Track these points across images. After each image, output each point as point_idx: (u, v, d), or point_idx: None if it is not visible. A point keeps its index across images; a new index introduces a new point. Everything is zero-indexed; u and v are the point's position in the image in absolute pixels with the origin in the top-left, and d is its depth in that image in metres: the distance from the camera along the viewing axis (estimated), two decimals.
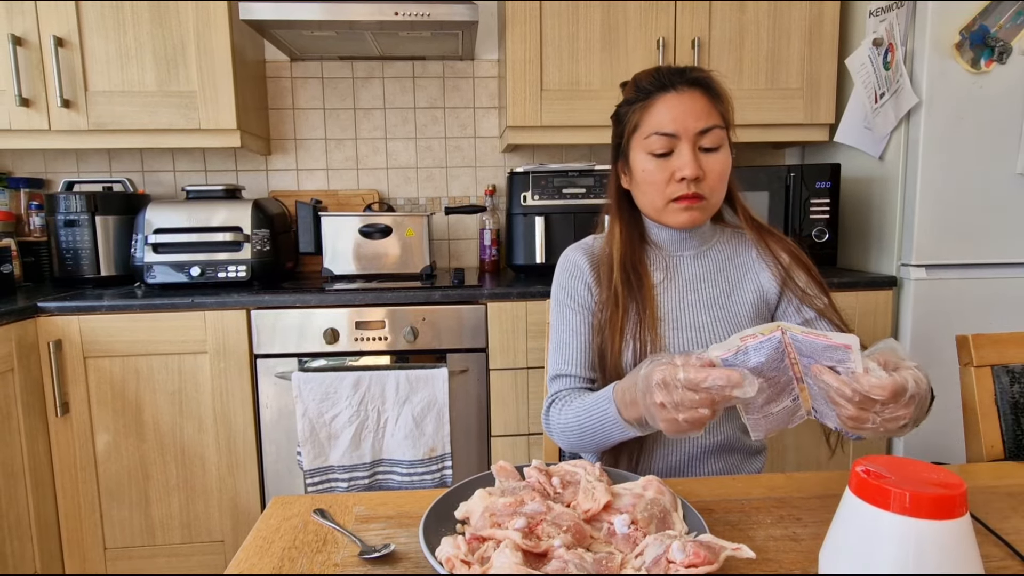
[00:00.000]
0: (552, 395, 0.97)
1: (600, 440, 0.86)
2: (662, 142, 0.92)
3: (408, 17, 1.73)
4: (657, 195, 0.95)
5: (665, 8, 1.89)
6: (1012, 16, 1.63)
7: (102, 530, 1.68)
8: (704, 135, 0.91)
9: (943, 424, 1.66)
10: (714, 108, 0.93)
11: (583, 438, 0.88)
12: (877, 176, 1.86)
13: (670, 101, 0.92)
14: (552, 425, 0.94)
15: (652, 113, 0.93)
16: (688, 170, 0.90)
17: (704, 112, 0.91)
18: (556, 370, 0.98)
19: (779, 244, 1.01)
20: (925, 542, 0.47)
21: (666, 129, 0.91)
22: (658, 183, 0.94)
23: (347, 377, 1.63)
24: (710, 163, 0.92)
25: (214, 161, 2.21)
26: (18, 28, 1.75)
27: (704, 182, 0.93)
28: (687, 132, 0.91)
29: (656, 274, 1.00)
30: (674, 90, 0.92)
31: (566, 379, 0.97)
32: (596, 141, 1.97)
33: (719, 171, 0.93)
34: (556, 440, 0.95)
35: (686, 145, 0.91)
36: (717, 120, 0.92)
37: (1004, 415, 1.00)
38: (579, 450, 0.93)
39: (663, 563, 0.56)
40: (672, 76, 0.93)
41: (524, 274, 1.97)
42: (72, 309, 1.60)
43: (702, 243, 1.02)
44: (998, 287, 1.73)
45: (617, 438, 0.84)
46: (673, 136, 0.91)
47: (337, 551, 0.64)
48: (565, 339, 0.99)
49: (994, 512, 0.72)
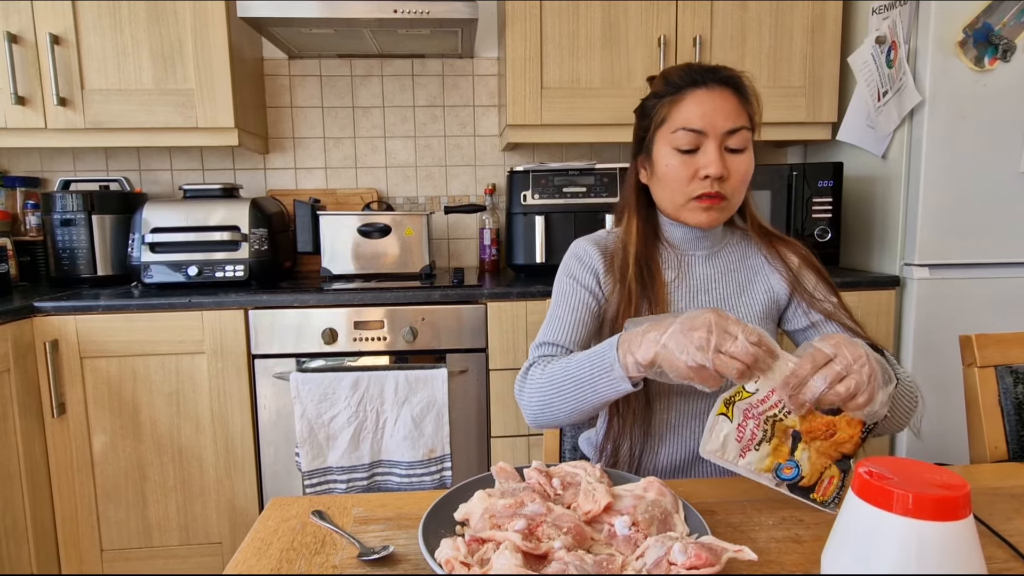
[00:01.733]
0: (533, 359, 0.94)
1: (578, 397, 0.82)
2: (689, 138, 0.91)
3: (407, 15, 1.72)
4: (678, 191, 0.94)
5: (666, 6, 1.88)
6: (1016, 14, 1.62)
7: (99, 532, 1.67)
8: (732, 135, 0.91)
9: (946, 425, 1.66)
10: (743, 109, 0.92)
11: (562, 393, 0.83)
12: (880, 175, 1.85)
13: (700, 97, 0.91)
14: (528, 384, 0.89)
15: (681, 108, 0.92)
16: (713, 168, 0.90)
17: (733, 112, 0.91)
18: (543, 338, 0.96)
19: (788, 248, 1.01)
20: (928, 544, 0.46)
21: (694, 125, 0.91)
22: (681, 179, 0.93)
23: (346, 377, 1.62)
24: (735, 164, 0.92)
25: (212, 160, 2.21)
26: (14, 26, 1.74)
27: (727, 182, 0.92)
28: (715, 130, 0.90)
29: (668, 272, 0.99)
30: (705, 87, 0.91)
31: (551, 347, 0.94)
32: (597, 140, 1.96)
33: (743, 173, 0.93)
34: (525, 404, 0.90)
35: (712, 143, 0.90)
36: (745, 121, 0.92)
37: (1008, 416, 1.00)
38: (547, 416, 0.87)
39: (664, 565, 0.55)
40: (704, 73, 0.92)
41: (524, 274, 1.97)
42: (68, 309, 1.59)
43: (714, 244, 1.02)
44: (1002, 287, 1.73)
45: (598, 397, 0.80)
46: (701, 133, 0.91)
47: (336, 553, 0.64)
48: (559, 313, 0.97)
49: (998, 513, 0.71)
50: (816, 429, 0.70)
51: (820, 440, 0.70)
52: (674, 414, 0.96)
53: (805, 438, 0.70)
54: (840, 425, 0.69)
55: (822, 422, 0.70)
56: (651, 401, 0.94)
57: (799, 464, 0.70)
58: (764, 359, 0.67)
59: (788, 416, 0.70)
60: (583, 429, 1.12)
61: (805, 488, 0.70)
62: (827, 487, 0.69)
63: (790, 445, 0.70)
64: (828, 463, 0.70)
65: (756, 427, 0.71)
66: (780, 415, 0.70)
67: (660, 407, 0.95)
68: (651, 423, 0.95)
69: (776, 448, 0.71)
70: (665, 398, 0.95)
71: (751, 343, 0.67)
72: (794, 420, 0.70)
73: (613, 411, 0.94)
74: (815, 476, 0.70)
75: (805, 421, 0.70)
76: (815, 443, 0.70)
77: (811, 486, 0.70)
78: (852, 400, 0.66)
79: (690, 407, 0.96)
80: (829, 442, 0.70)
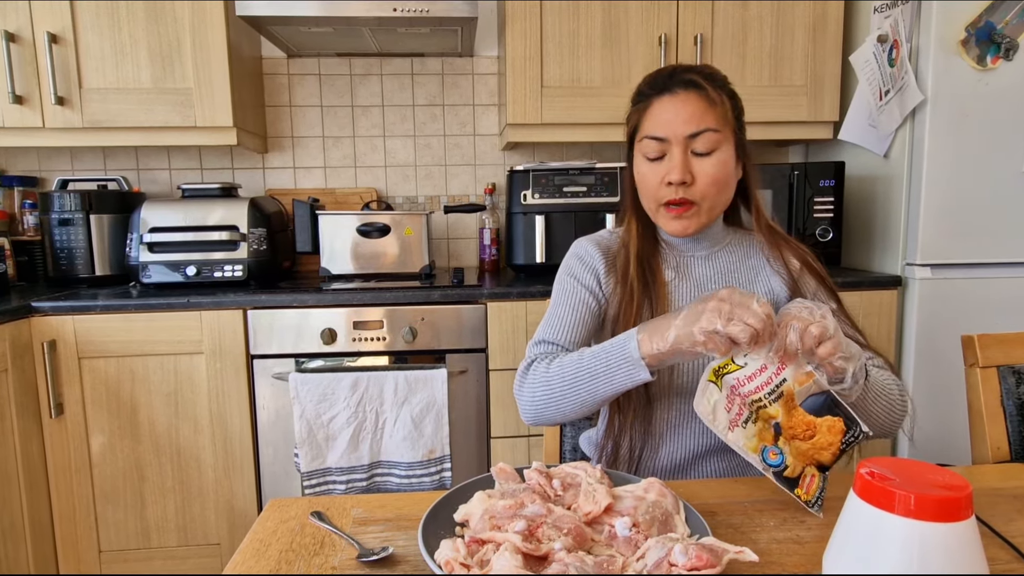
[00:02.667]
0: (533, 356, 0.93)
1: (590, 390, 0.82)
2: (653, 146, 0.92)
3: (407, 13, 1.72)
4: (650, 199, 0.95)
5: (667, 5, 1.88)
6: (1018, 12, 1.61)
7: (97, 533, 1.67)
8: (695, 139, 0.90)
9: (948, 425, 1.65)
10: (709, 110, 0.90)
11: (574, 386, 0.83)
12: (882, 174, 1.85)
13: (664, 104, 0.91)
14: (529, 380, 0.89)
15: (647, 117, 0.93)
16: (674, 174, 0.90)
17: (696, 115, 0.90)
18: (542, 336, 0.96)
19: (791, 250, 1.00)
20: (930, 545, 0.46)
21: (657, 133, 0.91)
22: (651, 187, 0.94)
23: (345, 378, 1.61)
24: (702, 167, 0.91)
25: (210, 159, 2.20)
26: (11, 24, 1.74)
27: (694, 187, 0.91)
28: (676, 136, 0.90)
29: (668, 272, 0.99)
30: (668, 92, 0.91)
31: (550, 346, 0.94)
32: (597, 139, 1.96)
33: (711, 175, 0.91)
34: (526, 401, 0.89)
35: (677, 149, 0.90)
36: (712, 123, 0.90)
37: (1010, 416, 0.99)
38: (550, 412, 0.87)
39: (665, 566, 0.55)
40: (667, 79, 0.92)
41: (524, 274, 1.96)
42: (66, 309, 1.58)
43: (713, 244, 1.01)
44: (1004, 287, 1.72)
45: (612, 388, 0.81)
46: (663, 140, 0.91)
47: (335, 554, 0.64)
48: (559, 311, 0.97)
49: (1000, 514, 0.71)
50: (796, 426, 0.71)
51: (799, 440, 0.71)
52: (675, 413, 0.95)
53: (785, 435, 0.71)
54: (820, 429, 0.70)
55: (803, 420, 0.71)
56: (652, 399, 0.94)
57: (783, 451, 0.71)
58: (772, 328, 0.70)
59: (772, 404, 0.71)
60: (583, 428, 1.12)
61: (789, 480, 0.71)
62: (810, 484, 0.70)
63: (772, 434, 0.72)
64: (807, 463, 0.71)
65: (742, 406, 0.72)
66: (765, 401, 0.72)
67: (661, 406, 0.95)
68: (651, 421, 0.95)
69: (761, 432, 0.72)
70: (666, 397, 0.95)
71: (763, 312, 0.70)
72: (777, 410, 0.71)
73: (614, 408, 0.94)
74: (798, 469, 0.71)
75: (787, 416, 0.71)
76: (794, 442, 0.71)
77: (795, 479, 0.70)
78: (821, 346, 0.70)
79: (690, 406, 0.95)
80: (808, 444, 0.70)
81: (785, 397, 0.72)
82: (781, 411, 0.71)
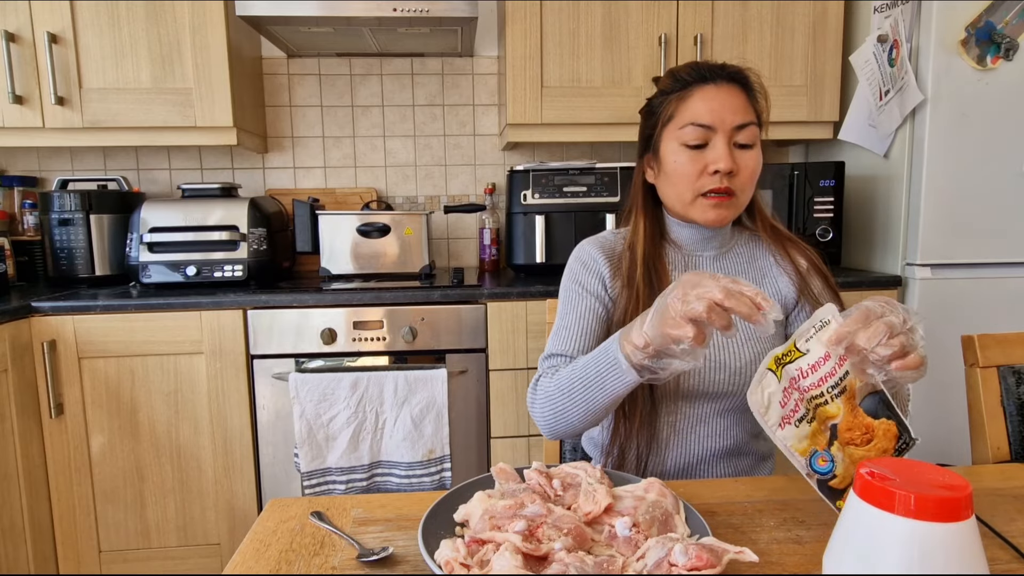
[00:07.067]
0: (542, 372, 0.94)
1: (588, 398, 0.81)
2: (697, 133, 0.91)
3: (407, 13, 1.72)
4: (687, 188, 0.94)
5: (667, 4, 1.88)
6: (1018, 12, 1.61)
7: (97, 532, 1.67)
8: (740, 130, 0.91)
9: (948, 425, 1.65)
10: (751, 106, 0.92)
11: (572, 397, 0.83)
12: (882, 174, 1.85)
13: (708, 93, 0.91)
14: (539, 394, 0.89)
15: (689, 104, 0.92)
16: (723, 163, 0.89)
17: (742, 108, 0.91)
18: (552, 349, 0.96)
19: (797, 250, 1.00)
20: (930, 545, 0.46)
21: (703, 120, 0.91)
22: (689, 175, 0.92)
23: (345, 378, 1.61)
24: (744, 159, 0.91)
25: (210, 159, 2.20)
26: (11, 24, 1.73)
27: (737, 178, 0.92)
28: (723, 125, 0.90)
29: (675, 273, 0.98)
30: (713, 83, 0.92)
31: (560, 359, 0.94)
32: (597, 139, 1.96)
33: (752, 168, 0.92)
34: (539, 416, 0.90)
35: (721, 138, 0.90)
36: (753, 117, 0.92)
37: (1010, 416, 0.99)
38: (562, 424, 0.87)
39: (665, 566, 0.55)
40: (712, 69, 0.93)
41: (524, 274, 1.96)
42: (66, 309, 1.58)
43: (723, 244, 1.01)
44: (1004, 287, 1.72)
45: (607, 394, 0.79)
46: (709, 128, 0.91)
47: (335, 554, 0.64)
48: (567, 322, 0.97)
49: (1000, 514, 0.71)
50: (855, 428, 0.66)
51: (855, 446, 0.66)
52: (680, 419, 0.95)
53: (840, 440, 0.66)
54: (877, 433, 0.65)
55: (863, 423, 0.66)
56: (656, 405, 0.94)
57: (835, 459, 0.66)
58: (738, 296, 0.64)
59: (834, 400, 0.66)
60: None
61: (834, 491, 0.65)
62: None
63: (828, 437, 0.66)
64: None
65: (799, 402, 0.67)
66: (827, 396, 0.66)
67: (666, 411, 0.95)
68: (656, 427, 0.94)
69: (815, 434, 0.66)
70: (671, 403, 0.95)
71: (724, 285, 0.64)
72: (838, 407, 0.66)
73: (619, 415, 0.94)
74: (847, 480, 0.65)
75: (850, 415, 0.66)
76: (848, 448, 0.66)
77: (840, 491, 0.65)
78: (902, 359, 0.63)
79: (696, 412, 0.95)
80: (863, 450, 0.65)
81: (848, 392, 0.66)
82: (843, 409, 0.66)
